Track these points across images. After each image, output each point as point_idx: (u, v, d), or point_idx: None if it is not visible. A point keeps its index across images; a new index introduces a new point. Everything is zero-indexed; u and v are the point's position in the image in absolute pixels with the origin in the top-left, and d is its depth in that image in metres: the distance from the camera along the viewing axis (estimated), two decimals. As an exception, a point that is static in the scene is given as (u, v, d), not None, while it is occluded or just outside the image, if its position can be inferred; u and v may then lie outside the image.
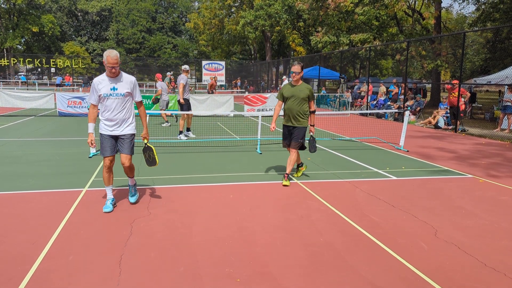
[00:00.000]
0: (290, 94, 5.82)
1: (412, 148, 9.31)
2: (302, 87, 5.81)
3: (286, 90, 5.89)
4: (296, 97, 5.77)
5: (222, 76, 39.34)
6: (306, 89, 5.80)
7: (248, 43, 51.48)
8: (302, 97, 5.76)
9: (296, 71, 5.75)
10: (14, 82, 41.14)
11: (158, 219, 4.35)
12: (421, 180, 6.33)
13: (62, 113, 14.97)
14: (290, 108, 5.83)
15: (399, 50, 21.43)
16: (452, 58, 21.01)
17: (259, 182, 6.02)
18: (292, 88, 5.85)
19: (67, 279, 3.04)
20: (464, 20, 41.26)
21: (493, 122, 15.30)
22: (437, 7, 22.51)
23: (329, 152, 8.63)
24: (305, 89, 5.79)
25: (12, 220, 4.21)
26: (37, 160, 7.20)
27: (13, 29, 48.51)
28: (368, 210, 4.81)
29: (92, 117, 4.50)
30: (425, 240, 3.93)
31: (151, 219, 4.36)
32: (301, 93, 5.78)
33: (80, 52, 55.69)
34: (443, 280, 3.15)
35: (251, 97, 16.77)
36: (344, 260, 3.46)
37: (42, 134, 10.33)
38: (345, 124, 14.04)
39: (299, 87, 5.81)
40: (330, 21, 25.03)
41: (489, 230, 4.24)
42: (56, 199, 4.94)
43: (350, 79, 31.40)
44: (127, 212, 4.53)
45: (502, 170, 7.23)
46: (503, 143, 10.59)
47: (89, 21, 63.21)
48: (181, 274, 3.16)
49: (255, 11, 35.12)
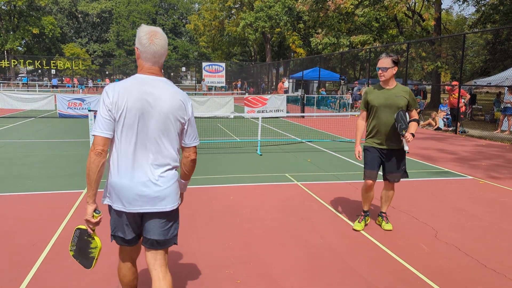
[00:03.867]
0: (382, 102, 3.98)
1: (412, 149, 9.31)
2: (397, 90, 4.01)
3: (374, 96, 4.05)
4: (392, 106, 3.96)
5: (222, 78, 39.33)
6: (404, 93, 3.99)
7: (248, 45, 51.53)
8: (400, 105, 3.95)
9: (384, 67, 3.92)
10: (15, 83, 41.17)
11: (158, 221, 4.34)
12: (422, 182, 6.33)
13: (62, 114, 14.98)
14: (383, 122, 4.00)
15: (399, 51, 21.43)
16: (452, 59, 21.01)
17: (260, 183, 6.02)
18: (383, 93, 4.01)
19: (67, 280, 3.04)
20: (464, 21, 41.30)
21: (493, 123, 15.30)
22: (437, 8, 22.54)
23: (330, 154, 8.62)
24: (403, 94, 3.99)
25: (12, 222, 4.21)
26: (37, 161, 7.20)
27: (14, 30, 48.56)
28: (368, 211, 4.80)
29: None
30: (426, 241, 3.93)
31: (151, 220, 4.35)
32: (399, 100, 3.95)
33: (80, 54, 55.74)
34: (443, 281, 3.15)
35: (251, 98, 16.78)
36: (345, 262, 3.46)
37: (42, 136, 10.33)
38: (346, 126, 14.04)
39: (393, 91, 4.01)
40: (330, 23, 25.06)
41: (490, 232, 4.23)
42: (56, 201, 4.94)
43: (350, 80, 31.40)
44: (127, 214, 4.52)
45: (502, 171, 7.23)
46: (504, 145, 10.59)
47: (89, 23, 63.30)
48: (181, 274, 3.16)
49: (255, 13, 35.15)
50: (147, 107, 2.08)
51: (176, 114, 2.13)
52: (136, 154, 2.11)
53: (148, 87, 2.10)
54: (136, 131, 2.09)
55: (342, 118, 16.69)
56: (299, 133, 12.10)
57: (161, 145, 2.14)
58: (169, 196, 2.18)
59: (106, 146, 2.07)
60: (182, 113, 2.16)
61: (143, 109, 2.08)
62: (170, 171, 2.19)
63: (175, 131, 2.16)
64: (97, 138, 2.06)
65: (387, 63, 3.93)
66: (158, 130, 2.11)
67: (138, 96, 2.07)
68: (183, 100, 2.16)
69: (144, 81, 2.11)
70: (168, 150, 2.16)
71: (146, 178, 2.11)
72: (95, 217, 2.18)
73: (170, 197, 2.18)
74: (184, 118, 2.17)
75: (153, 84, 2.12)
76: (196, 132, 2.28)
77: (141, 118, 2.08)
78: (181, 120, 2.16)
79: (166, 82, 2.16)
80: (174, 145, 2.18)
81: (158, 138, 2.12)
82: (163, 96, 2.10)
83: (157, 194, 2.14)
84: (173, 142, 2.17)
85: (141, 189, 2.11)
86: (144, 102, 2.08)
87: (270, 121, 15.54)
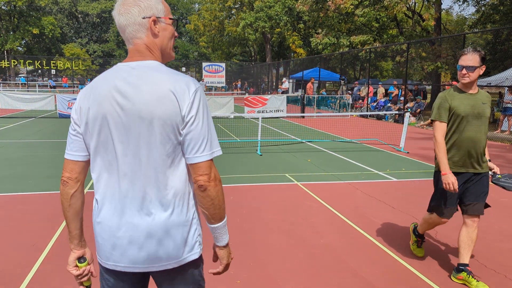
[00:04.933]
0: (469, 111, 3.08)
1: (413, 149, 9.31)
2: (482, 96, 3.14)
3: (459, 102, 3.09)
4: (480, 116, 3.10)
5: (223, 78, 39.35)
6: (488, 101, 3.16)
7: (248, 45, 51.53)
8: (487, 115, 3.15)
9: (471, 65, 2.99)
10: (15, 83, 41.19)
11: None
12: (422, 182, 6.33)
13: (62, 114, 14.98)
14: (469, 137, 3.09)
15: (399, 51, 21.44)
16: (452, 59, 20.99)
17: (260, 183, 6.02)
18: (468, 99, 3.10)
19: (67, 280, 3.04)
20: (464, 21, 41.31)
21: (493, 123, 15.30)
22: (437, 8, 22.55)
23: (329, 154, 8.62)
24: (488, 101, 3.16)
25: (12, 222, 4.21)
26: (37, 161, 7.20)
27: (14, 31, 48.58)
28: (369, 211, 4.80)
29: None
30: (426, 241, 3.93)
31: (151, 220, 4.34)
32: (486, 109, 3.13)
33: (80, 54, 55.74)
34: (443, 281, 3.15)
35: (251, 98, 16.79)
36: (345, 262, 3.46)
37: (42, 136, 10.33)
38: (346, 126, 14.04)
39: (479, 97, 3.12)
40: (330, 23, 25.06)
41: (490, 232, 4.23)
42: (56, 201, 4.94)
43: (350, 80, 31.40)
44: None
45: (502, 171, 7.21)
46: (504, 145, 10.59)
47: (89, 23, 63.32)
48: (181, 276, 3.16)
49: (255, 13, 35.17)
50: (116, 112, 1.36)
51: (162, 113, 1.33)
52: (117, 187, 1.42)
53: (119, 82, 1.37)
54: (108, 150, 1.40)
55: (342, 118, 16.69)
56: (299, 133, 12.10)
57: (151, 169, 1.38)
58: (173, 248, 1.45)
59: (74, 172, 1.47)
60: (172, 110, 1.33)
61: (112, 115, 1.37)
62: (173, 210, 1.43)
63: (168, 142, 1.36)
64: (65, 162, 1.49)
65: (475, 61, 2.97)
66: (141, 146, 1.36)
67: (104, 98, 1.38)
68: (174, 89, 1.34)
69: (116, 73, 1.40)
70: (164, 176, 1.39)
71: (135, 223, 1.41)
72: (80, 267, 1.56)
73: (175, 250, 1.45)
74: (177, 117, 1.34)
75: (128, 75, 1.37)
76: (206, 138, 1.39)
77: (113, 129, 1.38)
78: (172, 122, 1.34)
79: (150, 68, 1.39)
80: (173, 166, 1.40)
81: (144, 158, 1.37)
82: (139, 91, 1.34)
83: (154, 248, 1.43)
84: (168, 162, 1.38)
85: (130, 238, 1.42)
86: (112, 105, 1.37)
87: (270, 121, 15.53)
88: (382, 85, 20.55)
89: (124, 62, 1.43)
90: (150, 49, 1.45)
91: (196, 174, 1.39)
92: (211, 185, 1.40)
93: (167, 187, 1.40)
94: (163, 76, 1.37)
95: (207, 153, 1.39)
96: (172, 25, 1.51)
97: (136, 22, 1.41)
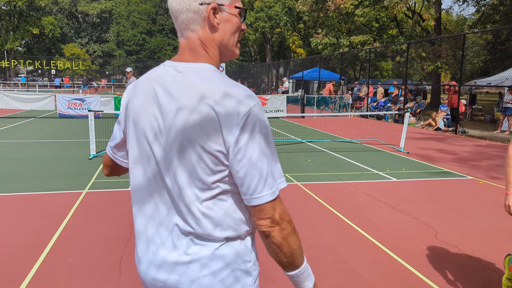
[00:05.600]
0: None
1: (413, 149, 9.31)
2: None
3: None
4: None
5: (222, 78, 39.33)
6: None
7: (249, 45, 51.56)
8: None
9: None
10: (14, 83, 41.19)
11: (158, 221, 4.33)
12: (422, 182, 6.33)
13: (62, 114, 14.98)
14: None
15: (399, 51, 21.45)
16: (452, 60, 21.00)
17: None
18: None
19: (67, 281, 3.04)
20: (464, 22, 41.30)
21: (493, 123, 15.30)
22: (437, 9, 22.56)
23: (330, 154, 8.62)
24: None
25: (12, 222, 4.21)
26: (37, 161, 7.20)
27: (14, 31, 48.60)
28: (369, 212, 4.80)
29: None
30: (426, 242, 3.93)
31: (151, 221, 4.34)
32: None
33: (80, 54, 55.76)
34: (443, 282, 3.15)
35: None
36: (345, 263, 3.45)
37: (42, 136, 10.33)
38: (346, 126, 14.04)
39: None
40: (330, 23, 25.07)
41: (490, 232, 4.23)
42: (57, 201, 4.94)
43: (350, 80, 31.41)
44: (127, 214, 4.52)
45: (502, 172, 7.23)
46: (504, 145, 10.59)
47: (89, 23, 63.34)
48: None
49: (255, 13, 35.19)
50: (152, 122, 1.11)
51: (198, 136, 1.03)
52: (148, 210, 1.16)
53: (159, 88, 1.10)
54: (145, 164, 1.15)
55: (342, 118, 16.69)
56: (299, 133, 12.10)
57: (185, 195, 1.08)
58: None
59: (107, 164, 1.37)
60: (210, 134, 1.02)
61: (151, 125, 1.11)
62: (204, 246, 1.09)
63: (206, 169, 1.05)
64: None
65: None
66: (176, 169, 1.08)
67: (141, 107, 1.14)
68: (218, 107, 1.01)
69: (160, 75, 1.13)
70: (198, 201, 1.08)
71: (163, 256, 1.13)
72: None
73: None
74: (217, 144, 1.03)
75: (171, 81, 1.09)
76: (264, 172, 1.05)
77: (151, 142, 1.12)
78: (211, 148, 1.03)
79: (198, 74, 1.07)
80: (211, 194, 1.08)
81: (180, 183, 1.08)
82: (176, 106, 1.05)
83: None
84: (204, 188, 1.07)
85: (155, 276, 1.14)
86: (149, 113, 1.12)
87: (270, 121, 15.54)
88: (381, 85, 20.55)
89: (172, 61, 1.14)
90: (205, 46, 1.12)
91: (256, 217, 1.09)
92: (276, 229, 1.09)
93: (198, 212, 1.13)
94: (210, 87, 1.03)
95: (267, 192, 1.06)
96: (239, 16, 1.16)
97: (191, 9, 1.09)
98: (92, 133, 7.66)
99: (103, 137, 9.73)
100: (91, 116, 7.66)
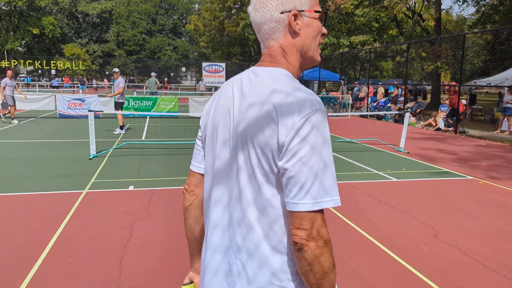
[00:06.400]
0: None
1: (413, 149, 9.31)
2: None
3: None
4: None
5: (223, 78, 39.35)
6: None
7: (249, 45, 51.55)
8: None
9: None
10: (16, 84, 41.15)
11: (158, 221, 4.34)
12: (422, 182, 6.33)
13: (62, 115, 14.98)
14: None
15: (399, 52, 21.46)
16: (452, 60, 21.00)
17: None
18: None
19: (67, 281, 3.04)
20: (464, 22, 41.30)
21: (493, 124, 15.30)
22: (437, 9, 22.57)
23: (329, 154, 8.61)
24: None
25: (12, 222, 4.21)
26: (37, 161, 7.20)
27: (14, 31, 48.59)
28: (369, 212, 4.80)
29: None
30: (426, 241, 3.93)
31: (151, 221, 4.35)
32: None
33: (80, 54, 55.75)
34: (443, 282, 3.15)
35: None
36: (345, 263, 3.45)
37: (42, 136, 10.33)
38: (346, 126, 14.04)
39: None
40: (330, 23, 25.07)
41: (490, 232, 4.23)
42: (56, 201, 4.94)
43: (350, 81, 31.42)
44: (127, 214, 4.53)
45: (502, 171, 7.23)
46: (504, 145, 10.59)
47: (89, 23, 63.32)
48: (181, 276, 3.15)
49: (255, 13, 35.15)
50: (220, 122, 1.16)
51: (257, 135, 1.04)
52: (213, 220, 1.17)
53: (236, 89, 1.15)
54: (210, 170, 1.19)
55: (342, 118, 16.69)
56: (299, 133, 12.07)
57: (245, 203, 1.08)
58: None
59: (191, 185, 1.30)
60: (267, 135, 1.02)
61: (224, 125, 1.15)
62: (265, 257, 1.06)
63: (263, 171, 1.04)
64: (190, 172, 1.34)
65: None
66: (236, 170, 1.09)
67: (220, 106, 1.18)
68: (279, 105, 1.02)
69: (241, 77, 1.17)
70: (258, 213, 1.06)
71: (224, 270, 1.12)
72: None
73: None
74: (272, 144, 1.01)
75: (248, 83, 1.13)
76: (311, 180, 0.98)
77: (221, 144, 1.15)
78: (266, 148, 1.02)
79: (271, 77, 1.09)
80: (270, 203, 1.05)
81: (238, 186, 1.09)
82: (245, 104, 1.09)
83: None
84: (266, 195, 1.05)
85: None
86: (224, 117, 1.15)
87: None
88: (382, 85, 20.55)
89: (255, 66, 1.18)
90: (285, 52, 1.14)
91: (293, 225, 1.00)
92: (310, 245, 0.99)
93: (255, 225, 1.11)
94: (277, 88, 1.05)
95: (308, 201, 0.98)
96: (320, 20, 1.17)
97: (273, 19, 1.12)
98: (92, 133, 7.66)
99: (103, 137, 9.74)
100: (91, 116, 7.66)
